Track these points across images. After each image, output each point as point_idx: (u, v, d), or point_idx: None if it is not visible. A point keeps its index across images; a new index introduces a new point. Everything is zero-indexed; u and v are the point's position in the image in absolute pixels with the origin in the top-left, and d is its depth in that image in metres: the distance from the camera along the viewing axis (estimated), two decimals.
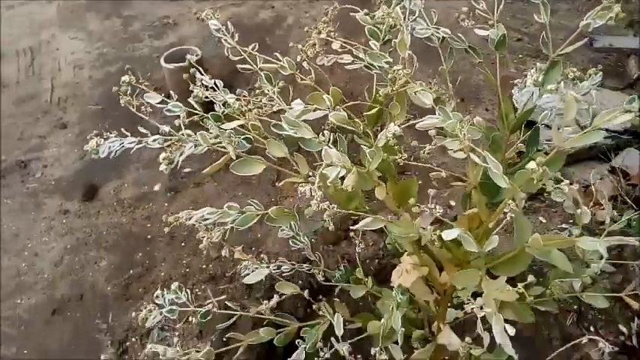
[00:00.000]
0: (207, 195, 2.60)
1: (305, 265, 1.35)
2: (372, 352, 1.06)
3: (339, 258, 2.20)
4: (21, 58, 3.52)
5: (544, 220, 2.34)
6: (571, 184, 0.92)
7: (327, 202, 0.80)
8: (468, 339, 1.11)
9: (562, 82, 0.92)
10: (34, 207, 2.62)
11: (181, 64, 2.81)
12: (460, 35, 1.07)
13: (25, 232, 2.51)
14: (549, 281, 1.22)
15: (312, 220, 1.02)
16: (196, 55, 2.68)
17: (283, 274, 1.33)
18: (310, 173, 0.96)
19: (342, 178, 0.85)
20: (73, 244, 2.42)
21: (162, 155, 0.96)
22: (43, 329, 2.13)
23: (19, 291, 2.28)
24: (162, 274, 2.25)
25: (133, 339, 2.05)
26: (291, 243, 1.29)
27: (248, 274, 1.27)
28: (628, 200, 2.25)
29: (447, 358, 1.43)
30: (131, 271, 2.27)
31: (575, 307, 2.01)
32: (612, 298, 1.16)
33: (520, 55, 3.25)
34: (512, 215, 0.81)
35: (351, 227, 0.97)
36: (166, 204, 2.57)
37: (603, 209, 2.54)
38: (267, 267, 1.27)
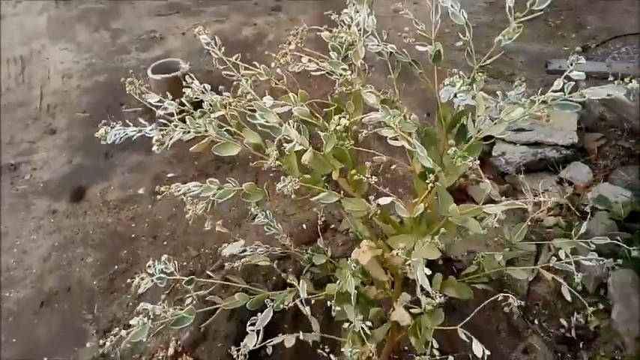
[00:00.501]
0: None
1: (278, 248, 1.53)
2: (332, 312, 1.25)
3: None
4: (11, 67, 3.67)
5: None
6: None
7: (290, 177, 1.01)
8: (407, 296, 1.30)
9: (475, 87, 1.12)
10: (23, 207, 2.77)
11: (167, 75, 3.00)
12: (404, 50, 1.27)
13: (14, 231, 2.65)
14: (479, 258, 1.42)
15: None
16: (187, 66, 2.88)
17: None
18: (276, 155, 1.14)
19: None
20: (61, 242, 2.57)
21: (155, 137, 1.14)
22: (31, 320, 2.27)
23: (8, 285, 2.41)
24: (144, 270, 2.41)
25: (117, 328, 2.19)
26: (265, 229, 1.48)
27: (225, 250, 1.44)
28: (572, 207, 2.49)
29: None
30: (116, 267, 2.43)
31: (522, 303, 2.23)
32: (531, 270, 1.36)
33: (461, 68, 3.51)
34: (437, 190, 1.02)
35: (311, 199, 1.16)
36: (150, 206, 2.74)
37: (550, 216, 2.79)
38: (243, 244, 1.44)
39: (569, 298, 1.27)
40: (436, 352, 2.19)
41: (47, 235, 2.61)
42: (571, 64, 1.08)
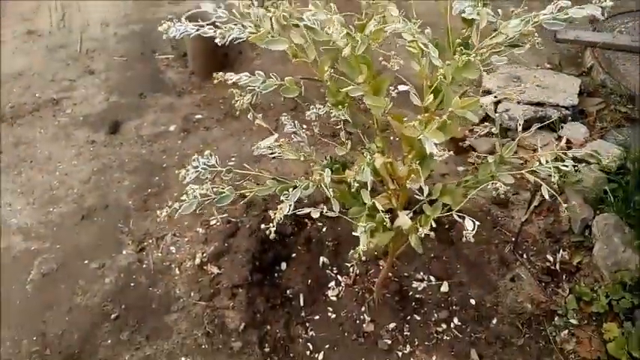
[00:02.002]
0: (214, 136, 3.03)
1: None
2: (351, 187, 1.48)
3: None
4: (53, 13, 3.92)
5: None
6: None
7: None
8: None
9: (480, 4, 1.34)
10: (64, 137, 3.04)
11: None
12: None
13: (56, 156, 2.93)
14: (475, 165, 1.65)
15: None
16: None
17: None
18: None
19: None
20: (99, 168, 2.84)
21: (219, 31, 1.34)
22: (73, 230, 2.55)
23: (52, 202, 2.69)
24: (176, 193, 2.68)
25: (150, 240, 2.47)
26: (293, 137, 1.73)
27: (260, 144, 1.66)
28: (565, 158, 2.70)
29: None
30: (149, 190, 2.70)
31: (513, 238, 2.47)
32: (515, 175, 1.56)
33: None
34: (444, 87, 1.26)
35: (342, 90, 1.36)
36: (180, 141, 2.99)
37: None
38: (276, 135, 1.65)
39: (547, 196, 1.48)
40: (432, 278, 2.46)
41: (87, 161, 2.88)
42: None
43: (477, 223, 1.35)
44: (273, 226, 1.36)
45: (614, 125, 2.94)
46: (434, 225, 1.48)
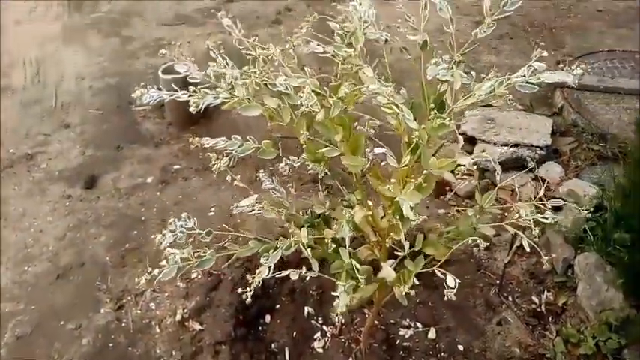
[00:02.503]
0: (193, 187, 3.00)
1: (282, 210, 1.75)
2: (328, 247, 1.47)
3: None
4: (28, 68, 3.91)
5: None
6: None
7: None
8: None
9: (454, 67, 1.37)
10: (39, 192, 2.98)
11: (176, 75, 3.25)
12: (397, 38, 1.52)
13: (31, 213, 2.86)
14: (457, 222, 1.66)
15: None
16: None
17: None
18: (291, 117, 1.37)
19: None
20: (75, 223, 2.78)
21: (192, 99, 1.35)
22: (48, 289, 2.47)
23: (26, 260, 2.61)
24: (154, 248, 2.61)
25: (129, 297, 2.40)
26: (271, 193, 1.71)
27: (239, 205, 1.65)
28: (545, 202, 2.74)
29: None
30: (127, 245, 2.64)
31: (498, 281, 2.46)
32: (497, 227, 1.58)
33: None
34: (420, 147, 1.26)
35: (317, 151, 1.38)
36: (158, 193, 2.96)
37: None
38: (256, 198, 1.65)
39: (527, 248, 1.49)
40: (419, 325, 2.43)
41: (62, 217, 2.82)
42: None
43: (458, 281, 1.35)
44: (250, 291, 1.35)
45: (588, 164, 3.00)
46: (416, 282, 1.47)
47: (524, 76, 1.33)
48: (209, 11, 4.63)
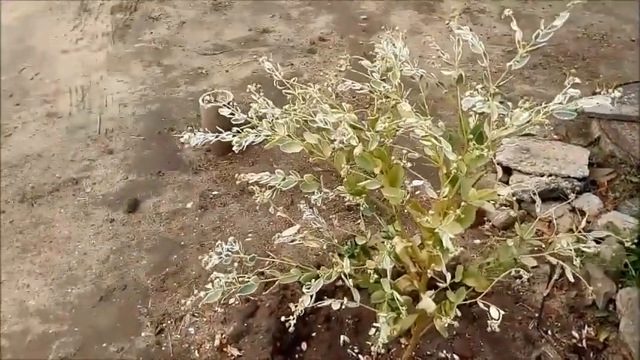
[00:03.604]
0: (231, 213, 3.06)
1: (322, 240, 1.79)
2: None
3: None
4: (73, 95, 4.08)
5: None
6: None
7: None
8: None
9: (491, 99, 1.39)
10: (83, 216, 3.08)
11: (217, 103, 3.35)
12: (432, 74, 1.56)
13: (75, 236, 2.96)
14: (497, 253, 1.66)
15: None
16: (232, 96, 3.22)
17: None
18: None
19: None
20: (118, 247, 2.87)
21: (235, 139, 1.42)
22: (91, 311, 2.54)
23: (70, 282, 2.70)
24: (194, 272, 2.68)
25: (169, 321, 2.45)
26: (312, 223, 1.76)
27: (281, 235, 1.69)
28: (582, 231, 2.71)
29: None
30: (167, 269, 2.71)
31: (537, 314, 2.43)
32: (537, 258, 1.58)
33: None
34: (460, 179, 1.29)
35: (359, 184, 1.42)
36: (197, 218, 3.03)
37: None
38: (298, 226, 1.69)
39: (571, 278, 1.49)
40: (456, 357, 2.41)
41: (105, 241, 2.91)
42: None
43: (502, 312, 1.36)
44: (293, 319, 1.37)
45: (627, 195, 2.96)
46: (459, 313, 1.48)
47: (561, 103, 1.35)
48: (246, 41, 4.77)
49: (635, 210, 2.82)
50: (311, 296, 1.48)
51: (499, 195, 1.32)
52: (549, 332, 2.39)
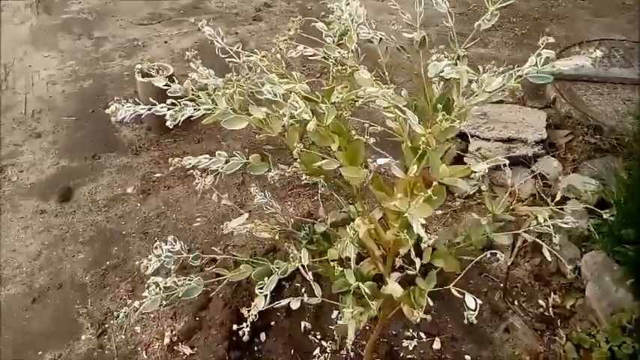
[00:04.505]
0: (176, 196, 2.83)
1: (277, 226, 1.61)
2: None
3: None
4: None
5: (476, 216, 2.70)
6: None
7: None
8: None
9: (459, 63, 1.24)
10: (10, 208, 2.78)
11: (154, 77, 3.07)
12: (393, 37, 1.39)
13: (1, 231, 2.66)
14: (466, 230, 1.53)
15: None
16: (172, 70, 2.95)
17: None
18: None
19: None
20: (50, 241, 2.59)
21: (169, 113, 1.21)
22: (23, 316, 2.28)
23: None
24: (137, 264, 2.45)
25: (111, 321, 2.23)
26: (264, 207, 1.57)
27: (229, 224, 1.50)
28: (544, 197, 2.65)
29: None
30: (107, 263, 2.47)
31: (502, 285, 2.36)
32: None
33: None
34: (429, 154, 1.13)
35: (314, 164, 1.25)
36: (139, 204, 2.78)
37: (524, 205, 2.96)
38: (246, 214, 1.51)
39: (549, 257, 1.38)
40: (423, 335, 2.31)
41: (36, 235, 2.63)
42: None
43: (479, 302, 1.23)
44: (247, 326, 1.20)
45: (586, 157, 2.92)
46: (430, 303, 1.35)
47: (536, 65, 1.20)
48: (185, 9, 4.44)
49: (594, 171, 2.77)
50: (265, 296, 1.31)
51: (474, 172, 1.16)
52: (515, 302, 2.32)
